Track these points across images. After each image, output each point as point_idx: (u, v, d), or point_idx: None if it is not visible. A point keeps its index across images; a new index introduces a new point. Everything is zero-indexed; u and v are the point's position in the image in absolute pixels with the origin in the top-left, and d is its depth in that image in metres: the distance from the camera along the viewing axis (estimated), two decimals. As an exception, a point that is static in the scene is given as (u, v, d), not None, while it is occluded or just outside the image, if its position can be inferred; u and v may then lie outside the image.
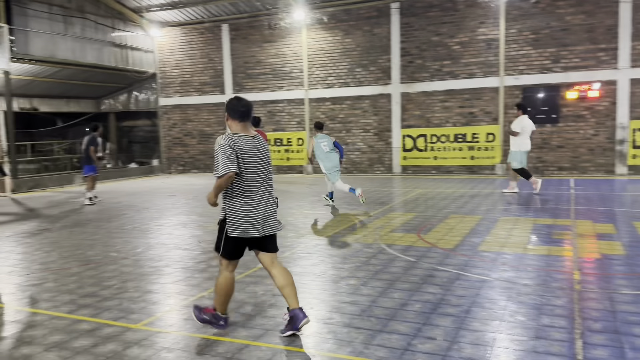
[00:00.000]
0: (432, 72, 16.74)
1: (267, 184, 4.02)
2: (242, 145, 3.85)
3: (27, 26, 16.49)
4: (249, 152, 3.87)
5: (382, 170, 17.77)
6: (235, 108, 3.96)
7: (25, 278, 5.88)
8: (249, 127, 4.00)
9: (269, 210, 3.99)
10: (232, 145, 3.80)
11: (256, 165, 3.92)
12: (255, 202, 3.91)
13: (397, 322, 4.20)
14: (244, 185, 3.88)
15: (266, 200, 3.98)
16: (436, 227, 8.07)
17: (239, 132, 3.94)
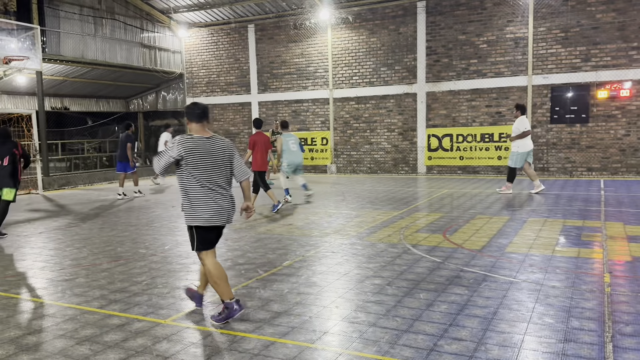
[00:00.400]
0: (459, 71, 16.57)
1: (225, 179, 4.41)
2: (190, 144, 4.27)
3: (58, 27, 16.91)
4: (199, 151, 4.28)
5: (406, 170, 17.67)
6: (192, 112, 4.41)
7: (58, 273, 6.04)
8: (205, 128, 4.46)
9: (221, 205, 4.35)
10: (178, 146, 4.25)
11: (206, 163, 4.30)
12: (208, 195, 4.29)
13: (423, 323, 4.19)
14: (194, 180, 4.28)
15: (217, 195, 4.33)
16: (462, 228, 8.00)
17: (195, 133, 4.39)
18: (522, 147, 11.52)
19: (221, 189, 4.37)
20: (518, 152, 11.53)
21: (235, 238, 7.72)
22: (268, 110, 19.79)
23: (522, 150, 11.51)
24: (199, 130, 4.41)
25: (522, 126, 11.44)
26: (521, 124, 11.47)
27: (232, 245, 7.26)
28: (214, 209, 4.30)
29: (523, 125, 11.45)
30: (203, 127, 4.43)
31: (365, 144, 18.23)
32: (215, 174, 4.33)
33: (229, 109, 20.64)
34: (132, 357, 3.70)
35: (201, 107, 4.45)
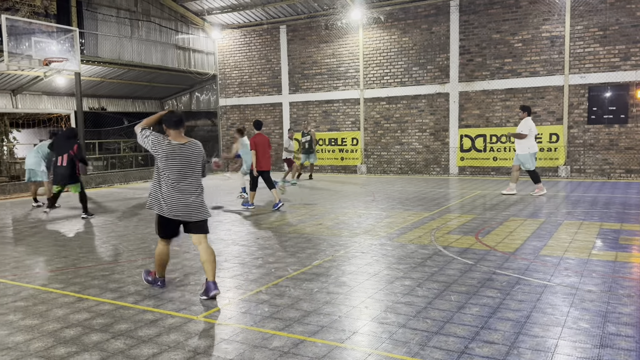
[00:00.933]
0: (493, 71, 16.31)
1: (190, 181, 4.92)
2: (165, 147, 4.84)
3: (96, 30, 17.39)
4: (171, 154, 4.84)
5: (438, 171, 17.49)
6: (170, 119, 4.94)
7: (95, 269, 6.22)
8: (181, 133, 4.99)
9: (190, 202, 4.89)
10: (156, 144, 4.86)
11: (176, 165, 4.84)
12: (174, 192, 4.84)
13: (454, 325, 4.14)
14: (164, 178, 4.87)
15: (188, 194, 4.88)
16: (495, 230, 7.88)
17: (173, 138, 4.92)
18: (532, 147, 11.39)
19: (188, 188, 4.91)
20: (529, 152, 11.38)
21: (265, 237, 7.79)
22: (299, 111, 19.89)
23: (532, 150, 11.40)
24: (176, 136, 4.94)
25: (526, 127, 11.33)
26: (525, 125, 11.36)
27: (263, 244, 7.33)
28: (177, 206, 4.86)
29: (527, 126, 11.33)
30: (179, 133, 4.96)
31: (396, 144, 18.12)
32: (185, 176, 4.88)
33: (261, 110, 20.82)
34: (165, 352, 3.78)
35: (178, 116, 4.98)
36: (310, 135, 16.33)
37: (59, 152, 9.86)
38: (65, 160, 9.72)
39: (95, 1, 17.33)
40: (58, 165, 9.80)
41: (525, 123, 11.41)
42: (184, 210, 4.87)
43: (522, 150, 11.44)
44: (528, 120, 11.45)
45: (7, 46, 12.77)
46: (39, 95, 19.18)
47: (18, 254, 7.09)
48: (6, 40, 12.74)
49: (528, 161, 11.43)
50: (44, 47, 13.80)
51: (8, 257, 6.94)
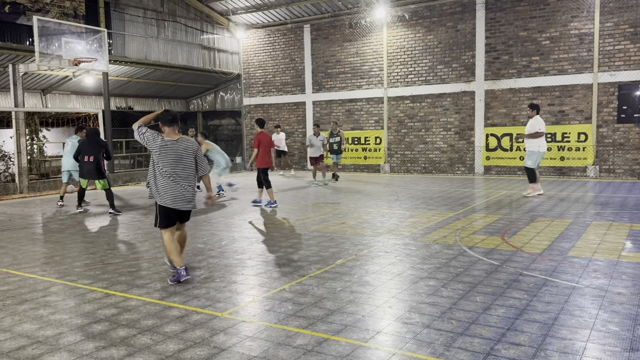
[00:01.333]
0: (520, 69, 16.06)
1: (181, 174, 5.39)
2: (159, 143, 5.33)
3: (124, 30, 17.68)
4: (164, 149, 5.33)
5: (462, 170, 17.30)
6: (165, 118, 5.42)
7: (122, 265, 6.33)
8: (175, 131, 5.46)
9: (182, 194, 5.41)
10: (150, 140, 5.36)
11: (168, 159, 5.33)
12: (169, 185, 5.34)
13: (480, 326, 4.09)
14: (158, 170, 5.36)
15: (179, 185, 5.38)
16: (522, 231, 7.75)
17: (166, 135, 5.41)
18: (542, 146, 11.13)
19: (182, 181, 5.41)
20: (539, 151, 11.10)
21: (288, 235, 7.81)
22: (322, 110, 19.89)
23: (542, 149, 11.13)
24: (170, 133, 5.43)
25: (538, 125, 11.05)
26: (537, 124, 11.08)
27: (286, 242, 7.35)
28: (175, 196, 5.36)
29: (539, 124, 11.06)
30: (173, 130, 5.44)
31: (420, 143, 17.98)
32: (178, 169, 5.37)
33: (284, 109, 20.90)
34: (191, 347, 3.82)
35: (172, 114, 5.48)
36: (340, 135, 15.99)
37: (87, 149, 10.23)
38: (92, 157, 10.20)
39: (123, 2, 17.62)
40: (85, 160, 10.25)
41: (536, 122, 11.12)
42: (177, 199, 5.41)
43: (532, 147, 11.17)
44: (538, 118, 11.18)
45: (38, 47, 13.06)
46: (68, 94, 19.59)
47: (47, 250, 7.26)
48: (37, 41, 13.04)
49: (533, 159, 11.16)
50: (73, 47, 14.08)
51: (38, 253, 7.12)
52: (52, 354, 3.76)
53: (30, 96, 17.79)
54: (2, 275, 5.95)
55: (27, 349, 3.87)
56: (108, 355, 3.72)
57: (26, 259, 6.72)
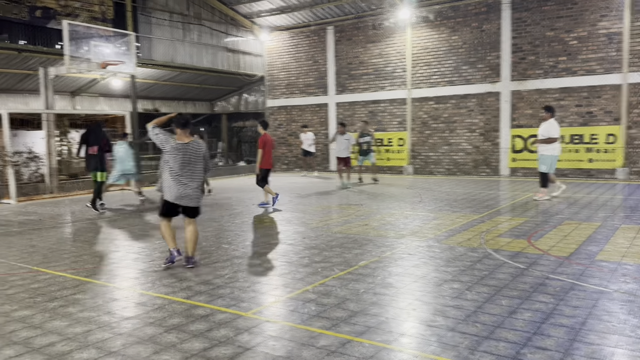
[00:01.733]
0: (546, 69, 15.81)
1: (190, 174, 5.94)
2: (171, 144, 5.86)
3: (150, 33, 17.98)
4: (175, 151, 5.84)
5: (487, 172, 17.09)
6: (179, 121, 5.96)
7: (148, 264, 6.44)
8: (186, 133, 5.97)
9: (187, 191, 5.95)
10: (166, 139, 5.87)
11: (178, 160, 5.85)
12: (175, 182, 5.87)
13: (505, 330, 4.05)
14: (167, 169, 5.90)
15: (186, 184, 5.93)
16: (549, 234, 7.63)
17: (178, 137, 5.93)
18: (557, 149, 10.84)
19: (186, 179, 5.93)
20: (553, 154, 10.80)
21: (312, 237, 7.84)
22: (345, 112, 19.89)
23: (556, 153, 10.85)
24: (181, 136, 5.95)
25: (553, 130, 10.70)
26: (552, 128, 10.72)
27: (309, 243, 7.38)
28: (179, 193, 5.91)
29: (554, 129, 10.71)
30: (185, 132, 5.95)
31: (444, 144, 17.83)
32: (184, 169, 5.89)
33: (307, 110, 20.96)
34: (216, 346, 3.87)
35: (185, 118, 6.03)
36: (371, 135, 15.64)
37: (92, 142, 10.91)
38: (96, 149, 10.86)
39: (150, 6, 17.92)
40: (90, 154, 10.92)
41: (550, 125, 10.78)
42: (182, 197, 5.95)
43: (547, 151, 10.84)
44: (553, 122, 10.85)
45: (68, 50, 13.37)
46: (96, 97, 19.99)
47: (76, 250, 7.43)
48: (67, 45, 13.35)
49: (547, 163, 10.87)
50: (101, 50, 14.37)
51: (67, 252, 7.29)
52: (81, 351, 3.85)
53: (60, 98, 18.21)
54: (33, 274, 6.12)
55: (57, 345, 3.98)
56: (135, 353, 3.79)
57: (56, 258, 6.89)
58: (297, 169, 21.19)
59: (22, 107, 17.40)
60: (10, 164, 13.18)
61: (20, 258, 6.92)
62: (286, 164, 21.80)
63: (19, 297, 5.19)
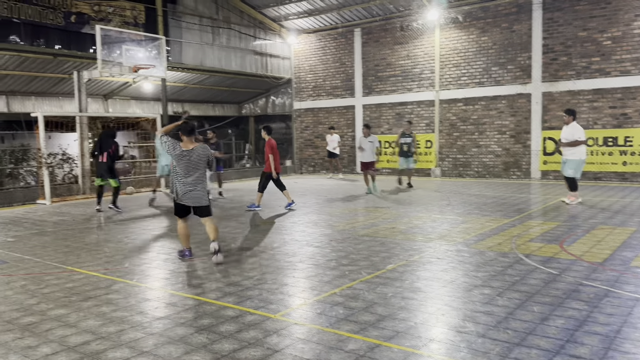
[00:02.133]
0: (579, 70, 15.47)
1: (194, 177, 6.43)
2: (177, 151, 6.37)
3: (181, 37, 18.27)
4: (181, 157, 6.36)
5: (518, 175, 16.81)
6: (185, 128, 6.48)
7: (178, 265, 6.54)
8: (192, 140, 6.47)
9: (193, 192, 6.45)
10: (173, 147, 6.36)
11: (184, 165, 6.38)
12: (182, 184, 6.41)
13: (537, 337, 3.98)
14: (175, 173, 6.45)
15: (192, 186, 6.44)
16: (582, 239, 7.46)
17: (183, 144, 6.42)
18: (583, 154, 10.52)
19: (193, 181, 6.43)
20: (580, 159, 10.49)
21: (339, 239, 7.84)
22: (372, 114, 19.83)
23: (583, 157, 10.54)
24: (186, 142, 6.44)
25: (577, 133, 10.39)
26: (576, 131, 10.42)
27: (336, 246, 7.38)
28: (183, 193, 6.42)
29: (578, 132, 10.41)
30: (190, 139, 6.45)
31: (473, 146, 17.61)
32: (190, 173, 6.41)
33: (334, 113, 20.97)
34: (245, 348, 3.91)
35: (191, 126, 6.55)
36: (413, 137, 14.74)
37: (102, 149, 11.24)
38: (105, 157, 11.18)
39: (180, 10, 18.21)
40: (100, 161, 11.25)
41: (574, 129, 10.48)
42: (189, 198, 6.46)
43: (574, 156, 10.51)
44: (576, 125, 10.56)
45: (101, 54, 13.69)
46: (128, 100, 20.41)
47: (109, 250, 7.60)
48: (100, 49, 13.67)
49: (574, 167, 10.54)
50: (133, 54, 14.67)
51: (100, 252, 7.46)
52: (115, 350, 3.94)
53: (92, 101, 18.64)
54: (68, 273, 6.28)
55: (92, 344, 4.07)
56: (167, 353, 3.86)
57: (89, 258, 7.06)
58: (324, 171, 21.22)
59: (57, 110, 17.88)
60: (45, 165, 13.55)
61: (55, 258, 7.11)
62: (312, 166, 21.85)
63: (54, 296, 5.34)
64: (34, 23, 14.66)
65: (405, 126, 15.13)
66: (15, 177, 17.98)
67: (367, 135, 13.79)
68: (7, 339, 4.22)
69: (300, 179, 19.33)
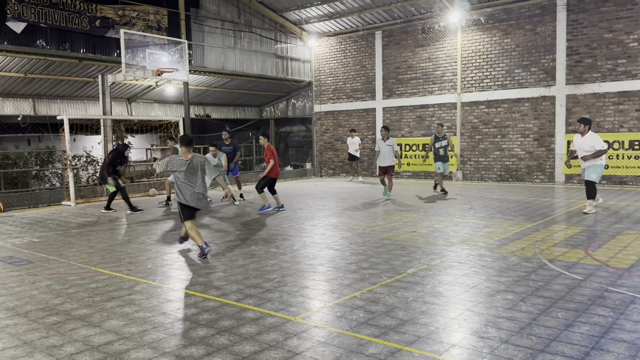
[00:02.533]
0: (604, 72, 15.18)
1: (193, 183, 7.17)
2: (177, 162, 7.14)
3: (203, 41, 18.46)
4: (180, 166, 7.11)
5: (542, 178, 16.56)
6: (184, 140, 7.27)
7: (200, 266, 6.59)
8: (190, 150, 7.23)
9: (195, 195, 7.18)
10: (169, 163, 7.16)
11: (184, 174, 7.12)
12: (186, 189, 7.15)
13: (562, 344, 3.90)
14: (177, 179, 7.19)
15: (192, 190, 7.17)
16: (607, 244, 7.31)
17: (182, 154, 7.21)
18: (604, 159, 10.11)
19: (194, 186, 7.16)
20: (603, 164, 10.09)
21: (359, 242, 7.81)
22: (392, 116, 19.76)
23: (604, 161, 10.16)
24: (185, 153, 7.18)
25: (597, 144, 9.90)
26: (596, 142, 9.92)
27: (356, 249, 7.36)
28: (188, 197, 7.14)
29: (598, 142, 9.92)
30: (188, 150, 7.19)
31: (496, 150, 17.41)
32: (189, 179, 7.14)
33: (354, 115, 20.95)
34: (266, 350, 3.92)
35: (189, 137, 7.38)
36: (448, 140, 13.91)
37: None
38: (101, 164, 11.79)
39: (202, 14, 18.42)
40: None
41: (594, 139, 9.99)
42: (193, 200, 7.16)
43: (596, 161, 10.03)
44: (595, 135, 10.08)
45: (125, 58, 13.92)
46: (151, 103, 20.70)
47: (132, 251, 7.70)
48: (124, 53, 13.90)
49: (598, 172, 10.10)
50: (156, 58, 14.88)
51: (124, 253, 7.56)
52: (137, 350, 3.99)
53: (116, 104, 18.96)
54: (92, 274, 6.38)
55: (115, 344, 4.13)
56: (188, 354, 3.89)
57: (113, 259, 7.16)
58: (344, 173, 21.20)
59: (82, 113, 18.22)
60: (70, 167, 13.81)
61: (80, 258, 7.23)
62: (332, 169, 21.85)
63: (78, 296, 5.43)
64: (60, 28, 14.98)
65: (438, 129, 14.19)
66: (41, 179, 18.36)
67: (386, 138, 13.00)
68: (33, 337, 4.31)
69: (320, 182, 19.35)
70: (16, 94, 16.96)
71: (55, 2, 14.70)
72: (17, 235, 9.19)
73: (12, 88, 16.46)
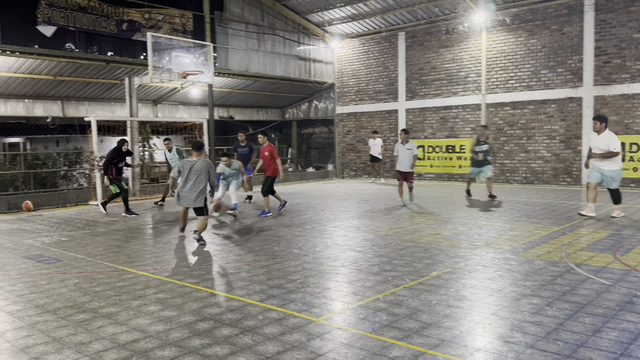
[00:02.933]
0: (634, 73, 14.85)
1: (193, 184, 8.03)
2: (186, 164, 8.04)
3: (227, 44, 18.65)
4: (187, 167, 8.02)
5: (568, 181, 16.27)
6: (195, 145, 8.28)
7: (224, 267, 6.66)
8: (200, 155, 8.14)
9: (190, 195, 8.04)
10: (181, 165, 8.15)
11: (188, 175, 8.03)
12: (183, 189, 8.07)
13: (589, 350, 3.83)
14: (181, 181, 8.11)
15: (190, 191, 8.04)
16: (636, 248, 7.15)
17: (191, 157, 8.15)
18: (621, 162, 9.78)
19: (191, 188, 8.01)
20: (620, 168, 9.74)
21: (381, 244, 7.79)
22: (415, 118, 19.64)
23: (622, 165, 9.83)
24: (194, 155, 8.11)
25: (613, 143, 9.47)
26: (612, 141, 9.48)
27: (379, 251, 7.34)
28: (183, 197, 8.11)
29: (614, 142, 9.47)
30: (199, 154, 8.11)
31: (521, 152, 17.16)
32: (190, 180, 8.01)
33: (376, 117, 20.89)
34: (289, 350, 3.94)
35: (200, 143, 8.42)
36: (489, 144, 12.94)
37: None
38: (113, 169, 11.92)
39: (227, 17, 18.60)
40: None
41: (610, 138, 9.53)
42: (187, 200, 8.10)
43: (613, 166, 9.64)
44: (611, 134, 9.63)
45: (151, 60, 14.13)
46: (176, 105, 20.98)
47: (158, 250, 7.81)
48: (150, 55, 14.11)
49: (619, 178, 9.76)
50: (181, 61, 15.07)
51: (149, 252, 7.68)
52: (163, 349, 4.05)
53: (143, 106, 19.26)
54: (118, 273, 6.50)
55: (141, 342, 4.20)
56: (213, 353, 3.93)
57: (139, 258, 7.28)
58: (366, 175, 21.15)
59: (109, 114, 18.56)
60: (97, 167, 14.07)
61: (107, 257, 7.37)
62: (354, 170, 21.82)
63: (105, 295, 5.53)
64: (88, 31, 15.30)
65: (480, 132, 13.18)
66: (69, 179, 18.76)
67: (405, 142, 12.20)
68: (62, 334, 4.41)
69: (341, 184, 19.34)
70: (45, 95, 17.36)
71: (84, 6, 15.02)
72: (47, 234, 9.41)
73: (41, 90, 16.86)
